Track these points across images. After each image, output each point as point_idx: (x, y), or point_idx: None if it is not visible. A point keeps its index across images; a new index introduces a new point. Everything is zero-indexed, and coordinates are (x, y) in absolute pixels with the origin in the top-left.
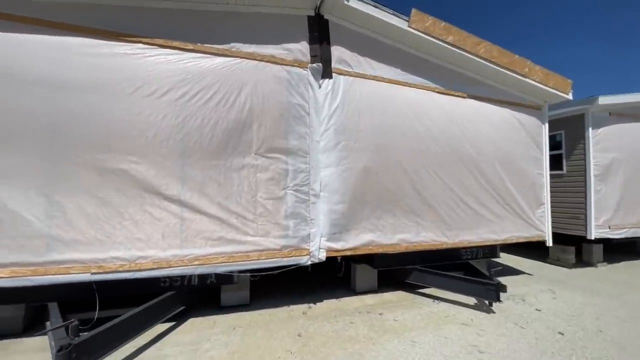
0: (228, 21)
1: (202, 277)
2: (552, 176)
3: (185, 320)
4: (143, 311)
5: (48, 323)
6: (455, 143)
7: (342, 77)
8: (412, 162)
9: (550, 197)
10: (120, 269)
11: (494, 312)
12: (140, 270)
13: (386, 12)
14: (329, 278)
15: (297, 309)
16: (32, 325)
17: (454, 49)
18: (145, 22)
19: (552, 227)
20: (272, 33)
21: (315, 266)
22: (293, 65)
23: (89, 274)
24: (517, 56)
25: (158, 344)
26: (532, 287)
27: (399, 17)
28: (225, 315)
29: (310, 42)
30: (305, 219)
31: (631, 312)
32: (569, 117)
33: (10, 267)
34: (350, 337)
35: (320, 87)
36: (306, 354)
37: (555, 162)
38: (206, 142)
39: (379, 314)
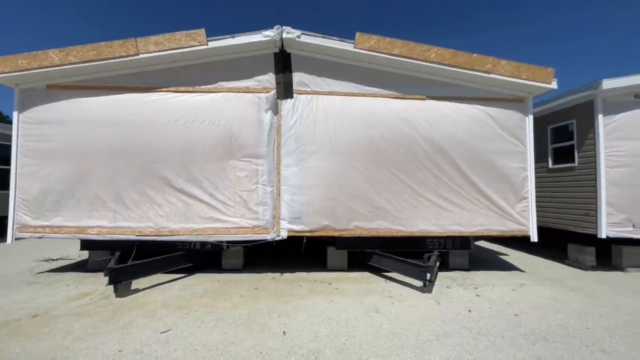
0: (215, 67)
1: (202, 244)
2: (563, 169)
3: (194, 274)
4: (159, 260)
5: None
6: (409, 143)
7: (301, 96)
8: (365, 161)
9: (560, 191)
10: (151, 234)
11: (429, 293)
12: (162, 235)
13: (332, 39)
14: (313, 257)
15: (271, 275)
16: None
17: (402, 59)
18: (164, 78)
19: (566, 224)
20: (247, 70)
21: (296, 246)
22: (262, 92)
23: (135, 236)
24: (475, 55)
25: (169, 283)
26: (506, 280)
27: (344, 41)
28: (220, 274)
29: (276, 72)
30: (271, 206)
31: (584, 314)
32: (579, 104)
33: (97, 228)
34: (290, 293)
35: (283, 105)
36: (248, 297)
37: (568, 154)
38: (202, 151)
39: (328, 284)
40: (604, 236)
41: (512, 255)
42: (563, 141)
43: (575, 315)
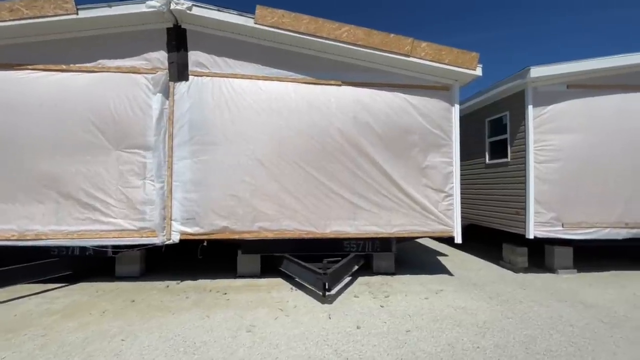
0: (95, 43)
1: (82, 249)
2: (498, 165)
3: (77, 283)
4: (18, 269)
5: None
6: (321, 134)
7: (198, 78)
8: (270, 154)
9: (495, 188)
10: (12, 239)
11: (330, 304)
12: (26, 240)
13: (230, 13)
14: (230, 262)
15: (166, 283)
16: None
17: (311, 38)
18: (31, 53)
19: (499, 224)
20: (134, 47)
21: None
22: (151, 73)
23: None
24: (392, 35)
25: (33, 296)
26: (426, 286)
27: (244, 16)
28: (108, 283)
29: (169, 51)
30: (160, 205)
31: (485, 328)
32: (512, 95)
33: None
34: (165, 307)
35: (175, 89)
36: (110, 313)
37: (502, 149)
38: (77, 141)
39: (224, 294)
40: (531, 236)
41: (451, 256)
42: (498, 135)
43: (474, 329)
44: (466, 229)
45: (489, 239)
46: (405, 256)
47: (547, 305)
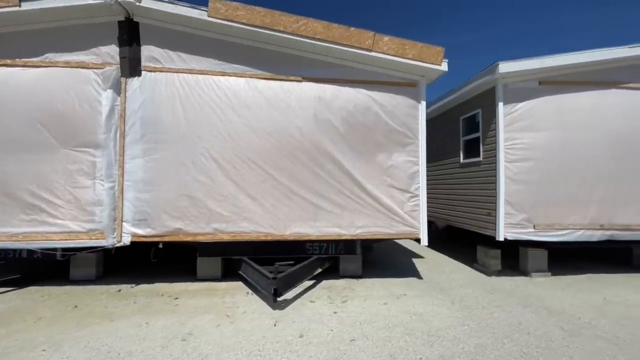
0: (42, 36)
1: (30, 252)
2: (471, 164)
3: (26, 287)
4: None
5: None
6: (281, 132)
7: (151, 73)
8: (226, 153)
9: (469, 188)
10: None
11: (280, 309)
12: None
13: (181, 6)
14: (193, 265)
15: (119, 287)
16: None
17: (267, 31)
18: None
19: (470, 225)
20: (84, 41)
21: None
22: (101, 68)
23: None
24: (353, 29)
25: None
26: (389, 290)
27: (197, 9)
28: (58, 287)
29: (120, 45)
30: (110, 206)
31: (436, 337)
32: (485, 92)
33: None
34: (107, 313)
35: (127, 85)
36: (45, 320)
37: (476, 148)
38: (21, 139)
39: (175, 299)
40: (501, 238)
41: (427, 258)
42: (472, 133)
43: (424, 338)
44: (445, 231)
45: (468, 240)
46: (379, 257)
47: (509, 311)
